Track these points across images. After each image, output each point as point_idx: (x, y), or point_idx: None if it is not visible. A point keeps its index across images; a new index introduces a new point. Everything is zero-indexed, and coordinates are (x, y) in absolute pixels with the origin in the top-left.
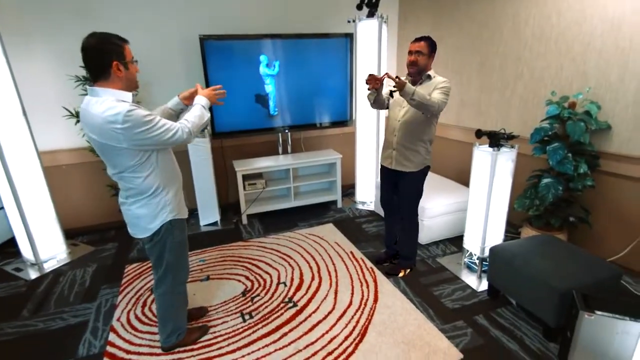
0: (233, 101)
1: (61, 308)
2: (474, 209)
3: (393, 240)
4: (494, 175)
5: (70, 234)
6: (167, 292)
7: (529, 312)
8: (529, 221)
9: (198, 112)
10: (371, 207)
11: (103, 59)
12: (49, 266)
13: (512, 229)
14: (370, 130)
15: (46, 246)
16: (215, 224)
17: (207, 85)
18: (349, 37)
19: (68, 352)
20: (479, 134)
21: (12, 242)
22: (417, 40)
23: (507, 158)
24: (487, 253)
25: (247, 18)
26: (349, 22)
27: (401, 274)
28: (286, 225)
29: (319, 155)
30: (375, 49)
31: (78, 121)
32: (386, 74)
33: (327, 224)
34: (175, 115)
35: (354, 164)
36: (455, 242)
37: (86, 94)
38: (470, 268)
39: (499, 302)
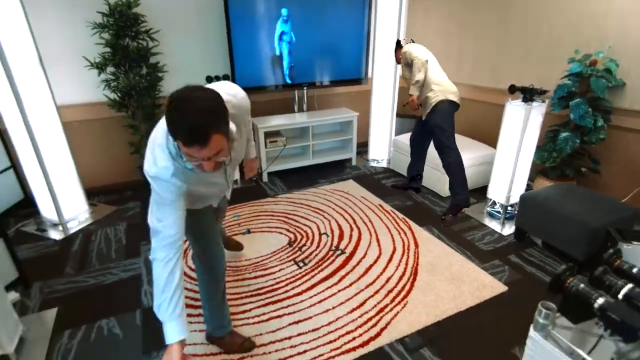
0: (252, 56)
1: (106, 264)
2: (502, 161)
3: (414, 170)
4: (525, 128)
5: (87, 195)
6: (199, 277)
7: (556, 250)
8: (543, 173)
9: (159, 308)
10: (384, 165)
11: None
12: (72, 226)
13: None
14: (387, 88)
15: (68, 206)
16: (235, 182)
17: (229, 34)
18: None
19: (131, 304)
20: (512, 89)
21: (21, 204)
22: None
23: (537, 112)
24: (512, 201)
25: None
26: None
27: (453, 215)
28: (307, 182)
29: (336, 113)
30: (395, 2)
31: (100, 72)
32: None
33: (348, 180)
34: None
35: (368, 122)
36: (472, 194)
37: (104, 43)
38: (492, 216)
39: (525, 243)
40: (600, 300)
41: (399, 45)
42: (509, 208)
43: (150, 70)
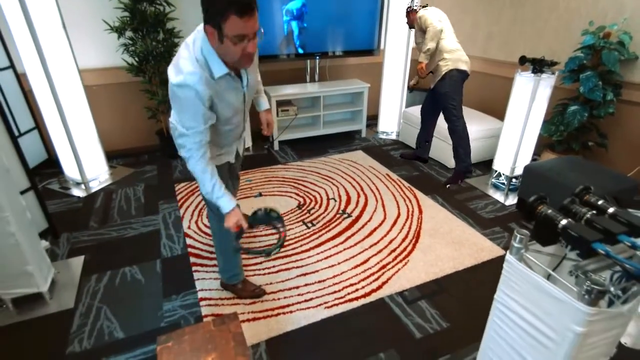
0: (265, 24)
1: (127, 220)
2: (509, 133)
3: (422, 138)
4: (534, 100)
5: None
6: (214, 231)
7: None
8: (549, 146)
9: (213, 190)
10: (393, 137)
11: (204, 12)
12: (93, 186)
13: None
14: (399, 60)
15: (90, 167)
16: (247, 149)
17: None
18: None
19: (152, 254)
20: (522, 60)
21: (45, 163)
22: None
23: (547, 84)
24: (516, 173)
25: None
26: None
27: (455, 182)
28: (317, 151)
29: (347, 84)
30: None
31: (119, 36)
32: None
33: (356, 150)
34: None
35: (378, 95)
36: (478, 167)
37: (123, 7)
38: (496, 187)
39: None
40: (564, 222)
41: (409, 10)
42: (514, 180)
43: (166, 35)
